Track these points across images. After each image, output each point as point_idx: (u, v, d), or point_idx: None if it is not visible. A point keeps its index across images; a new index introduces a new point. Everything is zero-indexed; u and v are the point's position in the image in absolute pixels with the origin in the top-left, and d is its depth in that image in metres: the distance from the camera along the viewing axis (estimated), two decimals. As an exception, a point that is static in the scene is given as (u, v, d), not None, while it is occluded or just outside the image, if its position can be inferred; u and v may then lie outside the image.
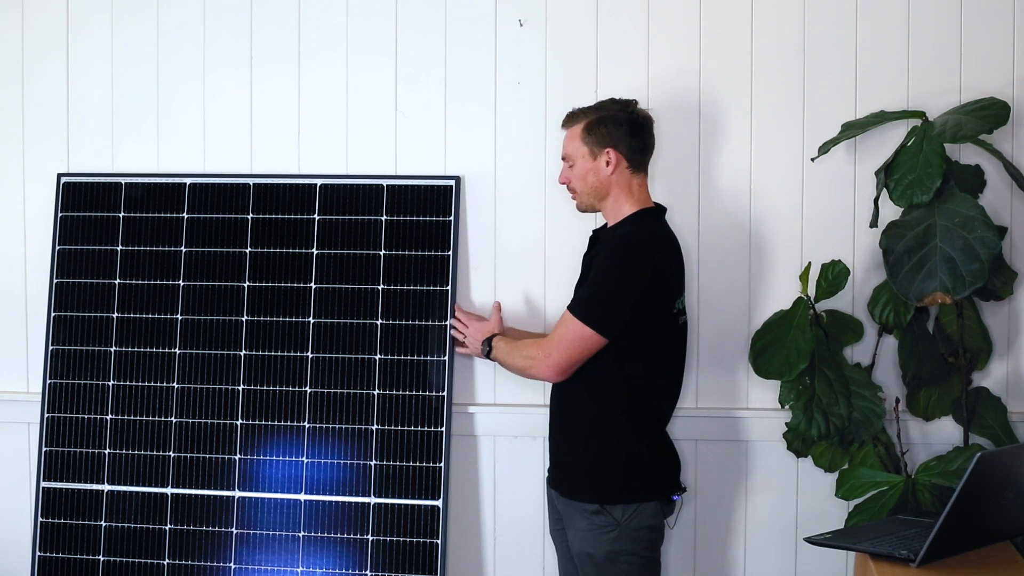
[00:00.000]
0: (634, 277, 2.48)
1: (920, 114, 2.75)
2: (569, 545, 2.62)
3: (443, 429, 2.96)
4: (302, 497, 3.00)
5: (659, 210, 2.64)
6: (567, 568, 2.73)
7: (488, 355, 2.76)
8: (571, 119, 2.64)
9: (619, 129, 2.58)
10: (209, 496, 3.03)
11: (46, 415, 3.12)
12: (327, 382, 3.01)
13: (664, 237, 2.59)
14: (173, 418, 3.07)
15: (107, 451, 3.08)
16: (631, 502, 2.52)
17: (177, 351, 3.08)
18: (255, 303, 3.06)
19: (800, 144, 2.95)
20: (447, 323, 2.98)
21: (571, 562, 2.69)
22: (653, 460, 2.58)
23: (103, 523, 3.07)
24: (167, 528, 3.05)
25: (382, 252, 3.04)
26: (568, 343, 2.50)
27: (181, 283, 3.10)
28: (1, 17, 3.21)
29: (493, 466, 3.08)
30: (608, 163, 2.57)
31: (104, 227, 3.14)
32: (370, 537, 2.96)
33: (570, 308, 2.53)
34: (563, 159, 2.66)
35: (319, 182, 3.08)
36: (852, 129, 2.79)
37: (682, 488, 2.63)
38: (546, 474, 2.78)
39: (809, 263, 2.84)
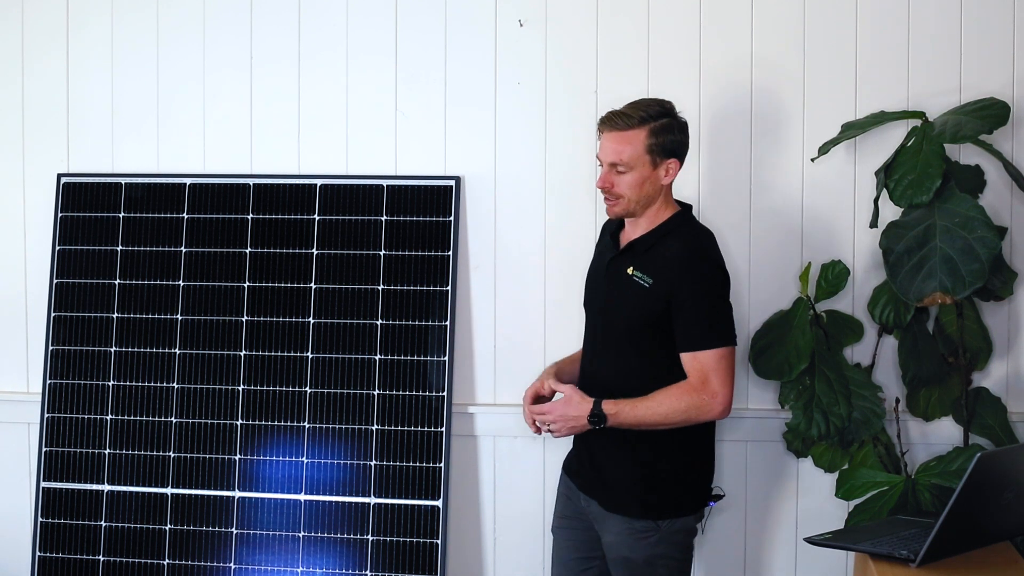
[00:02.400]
0: (724, 283, 2.48)
1: (920, 114, 2.75)
2: (604, 547, 2.56)
3: (443, 429, 2.96)
4: (302, 497, 3.00)
5: (688, 207, 2.59)
6: (566, 566, 2.67)
7: (601, 425, 2.44)
8: (628, 120, 2.43)
9: (682, 136, 2.49)
10: (209, 496, 3.03)
11: (46, 415, 3.12)
12: (327, 382, 3.02)
13: (711, 237, 2.56)
14: (173, 418, 3.07)
15: (107, 451, 3.09)
16: (680, 516, 2.51)
17: (177, 351, 3.08)
18: (255, 303, 3.06)
19: (800, 144, 2.95)
20: (446, 324, 2.98)
21: (576, 560, 2.64)
22: (702, 471, 2.57)
23: (103, 523, 3.07)
24: (167, 528, 3.05)
25: (382, 252, 3.04)
26: (725, 373, 2.43)
27: (181, 283, 3.10)
28: (1, 17, 3.21)
29: (493, 466, 3.08)
30: (667, 173, 2.47)
31: (104, 227, 3.14)
32: (370, 537, 2.96)
33: (701, 345, 2.42)
34: (612, 164, 2.44)
35: (319, 182, 3.08)
36: (852, 129, 2.79)
37: (721, 495, 2.61)
38: (563, 467, 2.69)
39: (809, 263, 2.84)
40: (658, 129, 2.44)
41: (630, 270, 2.49)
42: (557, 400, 2.52)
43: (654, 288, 2.44)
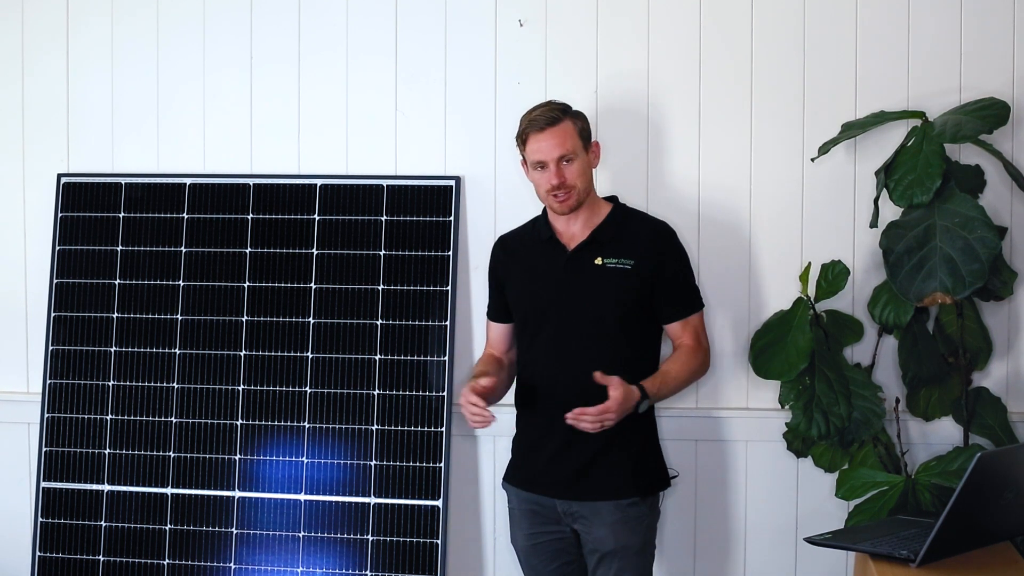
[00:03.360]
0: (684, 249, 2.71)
1: (920, 114, 2.75)
2: (594, 544, 2.57)
3: (443, 429, 2.97)
4: (302, 497, 3.00)
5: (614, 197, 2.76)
6: None
7: (642, 408, 2.51)
8: (555, 115, 2.54)
9: (589, 122, 2.65)
10: (209, 496, 3.03)
11: (46, 415, 3.12)
12: (327, 382, 3.02)
13: None
14: (173, 418, 3.07)
15: (107, 451, 3.09)
16: (661, 490, 2.63)
17: (177, 351, 3.08)
18: (255, 303, 3.06)
19: (800, 144, 2.94)
20: (446, 324, 2.98)
21: (558, 568, 2.64)
22: (658, 445, 2.69)
23: (103, 523, 3.07)
24: (167, 528, 3.05)
25: (382, 252, 3.04)
26: (705, 331, 2.70)
27: (181, 283, 3.10)
28: (1, 17, 3.21)
29: (493, 466, 3.07)
30: (595, 156, 2.63)
31: (104, 227, 3.14)
32: (370, 537, 2.96)
33: (691, 310, 2.64)
34: (560, 157, 2.53)
35: (319, 182, 3.08)
36: (852, 129, 2.79)
37: (675, 474, 2.75)
38: (517, 485, 2.68)
39: (809, 263, 2.84)
40: (576, 116, 2.60)
41: (599, 260, 2.58)
42: (614, 398, 2.42)
43: (637, 268, 2.56)
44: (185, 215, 3.12)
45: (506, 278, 2.72)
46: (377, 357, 3.01)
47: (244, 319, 3.07)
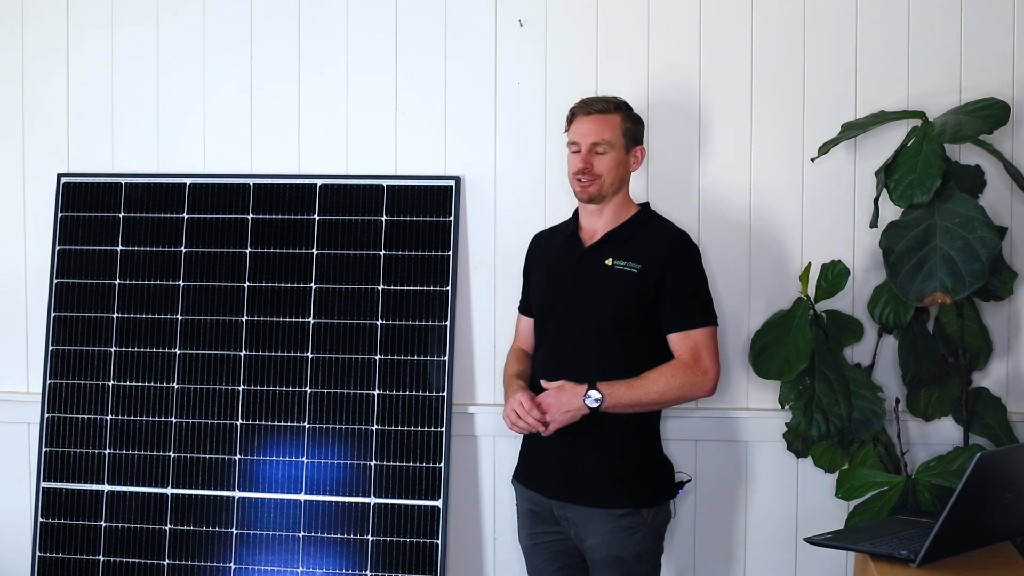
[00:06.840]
0: (702, 265, 2.64)
1: (920, 114, 2.75)
2: (587, 552, 2.57)
3: (443, 429, 2.97)
4: (302, 497, 3.00)
5: (647, 203, 2.72)
6: None
7: (598, 407, 2.47)
8: (606, 105, 2.57)
9: (643, 127, 2.66)
10: (209, 496, 3.04)
11: (46, 415, 3.12)
12: (327, 382, 3.02)
13: None
14: (173, 418, 3.07)
15: (107, 451, 3.09)
16: (661, 503, 2.56)
17: (177, 351, 3.08)
18: (255, 303, 3.06)
19: (800, 144, 2.95)
20: (446, 324, 2.98)
21: (558, 570, 2.64)
22: (665, 456, 2.64)
23: (103, 523, 3.07)
24: (167, 528, 3.05)
25: (382, 252, 3.04)
26: (714, 350, 2.56)
27: (181, 283, 3.10)
28: (1, 17, 3.21)
29: (493, 466, 3.08)
30: (635, 160, 2.62)
31: (104, 227, 3.14)
32: (370, 537, 2.96)
33: (693, 324, 2.53)
34: (593, 144, 2.54)
35: (319, 182, 3.08)
36: (852, 129, 2.79)
37: (687, 479, 2.71)
38: (520, 481, 2.69)
39: (809, 263, 2.84)
40: (630, 116, 2.61)
41: (609, 261, 2.57)
42: (548, 391, 2.53)
43: (643, 273, 2.53)
44: (185, 215, 3.12)
45: (532, 271, 2.76)
46: (377, 357, 3.01)
47: (244, 319, 3.07)
